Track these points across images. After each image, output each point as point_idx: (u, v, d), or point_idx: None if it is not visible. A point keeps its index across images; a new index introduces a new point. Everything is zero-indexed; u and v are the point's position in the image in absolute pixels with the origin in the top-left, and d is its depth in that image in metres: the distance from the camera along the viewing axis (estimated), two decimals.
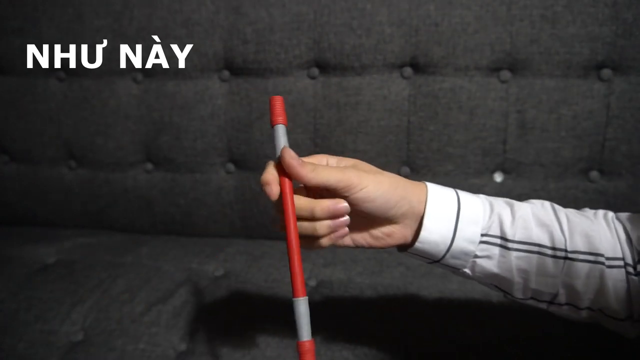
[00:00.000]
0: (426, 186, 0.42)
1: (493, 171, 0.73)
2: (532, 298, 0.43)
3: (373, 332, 0.57)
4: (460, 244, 0.40)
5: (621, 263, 0.40)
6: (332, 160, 0.42)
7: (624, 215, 0.43)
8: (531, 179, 0.72)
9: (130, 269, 0.72)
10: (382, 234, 0.42)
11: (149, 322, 0.61)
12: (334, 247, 0.43)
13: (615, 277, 0.39)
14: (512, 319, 0.58)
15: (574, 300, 0.41)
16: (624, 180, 0.70)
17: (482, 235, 0.40)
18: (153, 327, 0.60)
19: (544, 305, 0.43)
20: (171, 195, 0.83)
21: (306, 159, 0.40)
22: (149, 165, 0.83)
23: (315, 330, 0.37)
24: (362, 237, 0.42)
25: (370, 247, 0.43)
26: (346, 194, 0.38)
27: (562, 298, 0.41)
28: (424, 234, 0.40)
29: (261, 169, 0.40)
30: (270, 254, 0.75)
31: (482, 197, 0.43)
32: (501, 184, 0.73)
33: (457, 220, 0.40)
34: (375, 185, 0.39)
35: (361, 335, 0.57)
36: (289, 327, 0.59)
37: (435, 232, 0.40)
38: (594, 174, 0.71)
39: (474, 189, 0.72)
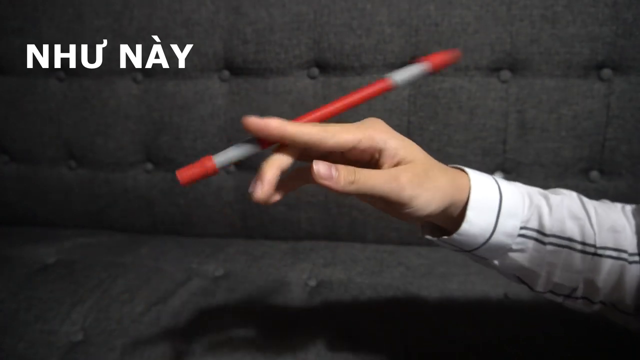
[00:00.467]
0: (468, 175, 0.39)
1: (493, 171, 0.73)
2: (550, 292, 0.42)
3: (373, 332, 0.57)
4: (498, 237, 0.38)
5: (637, 258, 0.39)
6: (388, 137, 0.36)
7: (633, 207, 0.42)
8: (531, 179, 0.72)
9: (130, 269, 0.72)
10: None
11: (149, 322, 0.61)
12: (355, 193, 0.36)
13: (634, 273, 0.39)
14: (512, 319, 0.58)
15: (590, 294, 0.41)
16: (624, 180, 0.70)
17: (521, 228, 0.39)
18: (153, 327, 0.60)
19: (560, 299, 0.42)
20: (171, 195, 0.83)
21: (358, 125, 0.36)
22: (149, 165, 0.83)
23: (315, 331, 0.36)
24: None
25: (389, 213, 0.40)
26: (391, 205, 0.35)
27: (579, 292, 0.41)
28: (465, 226, 0.38)
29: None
30: (270, 254, 0.75)
31: (519, 186, 0.41)
32: None
33: (499, 213, 0.38)
34: (428, 198, 0.35)
35: (361, 335, 0.57)
36: (289, 326, 0.59)
37: (477, 224, 0.38)
38: (594, 174, 0.71)
39: None
